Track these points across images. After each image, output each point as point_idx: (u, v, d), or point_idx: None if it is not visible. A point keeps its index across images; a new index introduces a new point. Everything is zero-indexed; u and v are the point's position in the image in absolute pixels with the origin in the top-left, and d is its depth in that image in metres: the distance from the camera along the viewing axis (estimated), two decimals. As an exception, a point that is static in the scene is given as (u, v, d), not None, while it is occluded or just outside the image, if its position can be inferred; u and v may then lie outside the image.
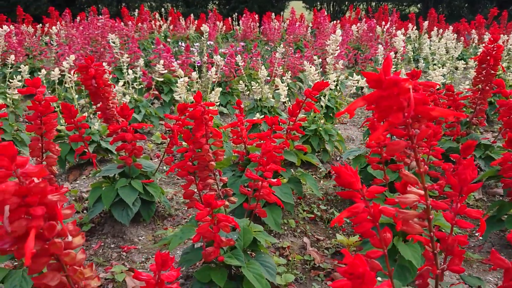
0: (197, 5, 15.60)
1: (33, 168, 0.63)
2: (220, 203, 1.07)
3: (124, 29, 5.08)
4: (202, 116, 1.26)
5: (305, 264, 1.59)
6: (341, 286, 0.59)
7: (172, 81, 3.49)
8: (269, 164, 1.27)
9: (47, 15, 8.32)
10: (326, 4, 15.64)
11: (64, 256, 0.66)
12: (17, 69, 4.12)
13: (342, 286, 0.59)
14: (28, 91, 1.14)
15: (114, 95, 1.67)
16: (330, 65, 2.97)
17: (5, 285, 1.18)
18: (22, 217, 0.64)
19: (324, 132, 2.36)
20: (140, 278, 0.79)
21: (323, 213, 1.96)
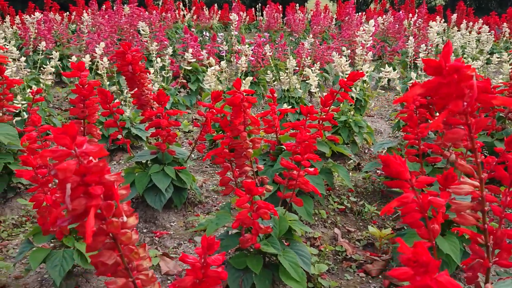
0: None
1: (92, 148, 0.64)
2: (261, 190, 1.07)
3: (151, 17, 5.10)
4: (241, 104, 1.26)
5: (337, 255, 1.58)
6: (402, 274, 0.58)
7: (199, 70, 3.49)
8: (307, 153, 1.26)
9: (74, 4, 8.41)
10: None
11: (121, 235, 0.67)
12: (46, 56, 4.19)
13: (403, 274, 0.58)
14: (73, 75, 1.15)
15: (149, 81, 1.68)
16: (360, 56, 2.93)
17: (47, 264, 1.21)
18: (81, 196, 0.65)
19: (354, 123, 2.33)
20: (187, 261, 0.80)
21: (353, 205, 1.94)
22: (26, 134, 1.29)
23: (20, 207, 1.87)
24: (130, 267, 0.71)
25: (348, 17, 4.40)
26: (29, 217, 1.80)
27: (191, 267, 0.79)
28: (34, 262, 1.20)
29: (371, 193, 2.06)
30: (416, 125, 1.46)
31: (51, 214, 1.16)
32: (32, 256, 1.22)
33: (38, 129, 1.31)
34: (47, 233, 1.21)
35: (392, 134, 2.86)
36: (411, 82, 2.60)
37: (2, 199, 1.88)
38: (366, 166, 2.03)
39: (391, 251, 1.55)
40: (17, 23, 6.15)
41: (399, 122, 2.51)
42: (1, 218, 1.78)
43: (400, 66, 4.47)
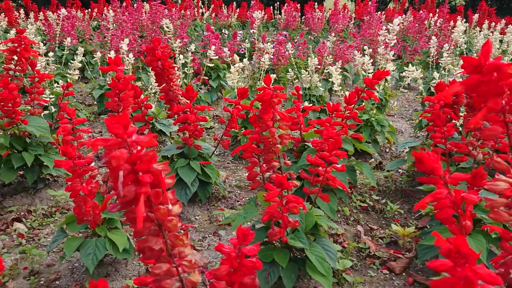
0: (237, -7, 15.62)
1: (143, 138, 0.67)
2: (291, 184, 1.09)
3: (172, 15, 5.15)
4: (271, 100, 1.28)
5: (360, 252, 1.59)
6: (442, 265, 0.60)
7: (220, 68, 3.53)
8: (335, 150, 1.28)
9: (95, 1, 8.54)
10: (368, -6, 15.26)
11: (167, 222, 0.69)
12: (70, 52, 4.27)
13: (442, 265, 0.60)
14: (110, 69, 1.19)
15: (177, 77, 1.72)
16: (382, 55, 2.93)
17: (80, 253, 1.25)
18: (131, 183, 0.68)
19: (377, 122, 2.33)
20: (223, 250, 0.82)
21: (375, 203, 1.95)
22: (61, 126, 1.33)
23: (49, 198, 1.92)
24: (173, 253, 0.74)
25: (369, 16, 4.38)
26: (58, 208, 1.85)
27: (226, 256, 0.82)
28: (68, 250, 1.24)
29: (393, 192, 2.06)
30: (443, 124, 1.46)
31: (87, 203, 1.20)
32: (66, 244, 1.26)
33: (72, 121, 1.36)
34: (81, 222, 1.25)
35: (414, 133, 2.85)
36: (434, 82, 2.59)
37: (32, 190, 1.93)
38: (388, 165, 2.03)
39: (415, 249, 1.56)
40: (41, 19, 6.27)
41: (421, 121, 2.50)
42: (32, 208, 1.83)
43: (420, 66, 4.44)
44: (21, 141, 1.83)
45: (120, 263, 1.48)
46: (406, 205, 1.94)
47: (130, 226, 0.68)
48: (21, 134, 1.84)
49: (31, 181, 1.85)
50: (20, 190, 1.94)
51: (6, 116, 1.74)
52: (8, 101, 1.69)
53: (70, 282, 1.39)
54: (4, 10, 6.81)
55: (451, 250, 0.57)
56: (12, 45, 1.88)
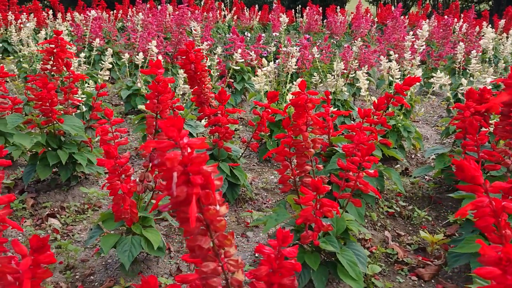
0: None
1: (195, 140, 0.69)
2: (327, 188, 1.11)
3: (198, 17, 5.21)
4: (306, 104, 1.30)
5: (388, 258, 1.59)
6: (489, 273, 0.61)
7: (245, 70, 3.56)
8: (368, 155, 1.29)
9: (119, 2, 8.69)
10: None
11: (216, 222, 0.72)
12: (98, 53, 4.36)
13: (489, 272, 0.61)
14: (151, 72, 1.22)
15: (209, 80, 1.75)
16: (408, 61, 2.92)
17: (117, 249, 1.29)
18: (182, 184, 0.70)
19: (403, 128, 2.33)
20: (263, 251, 0.84)
21: (402, 209, 1.95)
22: (100, 126, 1.37)
23: (81, 195, 1.97)
24: (219, 253, 0.76)
25: (395, 20, 4.35)
26: (90, 205, 1.90)
27: (265, 258, 0.84)
28: (105, 246, 1.28)
29: (420, 198, 2.05)
30: (476, 131, 1.46)
31: (125, 202, 1.23)
32: (103, 241, 1.30)
33: (110, 122, 1.40)
34: (119, 219, 1.29)
35: (440, 140, 2.82)
36: (462, 88, 2.56)
37: (65, 187, 1.99)
38: (416, 171, 2.03)
39: (444, 256, 1.55)
40: (68, 20, 6.41)
41: (448, 128, 2.48)
42: (65, 205, 1.89)
43: (445, 72, 4.39)
44: (56, 140, 1.89)
45: (151, 261, 1.52)
46: (434, 212, 1.93)
47: (179, 225, 0.71)
48: (56, 132, 1.90)
49: (64, 178, 1.90)
50: (54, 187, 2.00)
51: (43, 115, 1.80)
52: (46, 100, 1.74)
53: (104, 278, 1.43)
54: (32, 10, 6.99)
55: (501, 258, 0.58)
56: (49, 46, 1.95)
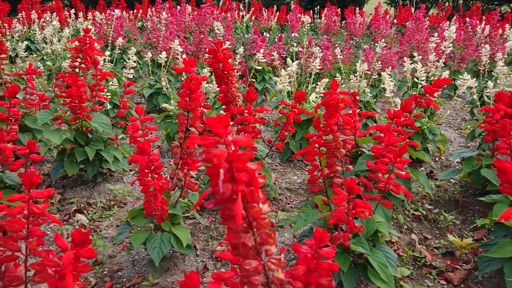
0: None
1: (242, 138, 0.69)
2: (360, 189, 1.10)
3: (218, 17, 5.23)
4: (338, 104, 1.29)
5: (415, 261, 1.57)
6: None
7: (265, 70, 3.56)
8: (400, 156, 1.27)
9: (139, 1, 8.78)
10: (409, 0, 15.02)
11: (260, 220, 0.72)
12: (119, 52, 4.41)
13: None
14: (184, 70, 1.23)
15: (236, 79, 1.75)
16: (431, 62, 2.88)
17: (147, 246, 1.30)
18: (227, 181, 0.70)
19: (429, 130, 2.29)
20: (300, 250, 0.84)
21: (428, 212, 1.92)
22: (131, 123, 1.38)
23: (107, 192, 1.99)
24: (260, 251, 0.76)
25: (418, 22, 4.30)
26: (116, 201, 1.92)
27: (302, 257, 0.84)
28: (135, 242, 1.29)
29: (446, 201, 2.02)
30: (509, 134, 1.43)
31: (157, 199, 1.24)
32: (133, 237, 1.31)
33: (141, 119, 1.41)
34: (149, 216, 1.30)
35: (465, 143, 2.78)
36: (488, 91, 2.52)
37: (91, 183, 2.01)
38: (442, 174, 2.00)
39: (474, 261, 1.53)
40: (89, 19, 6.50)
41: (474, 131, 2.44)
42: (91, 201, 1.91)
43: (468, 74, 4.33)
44: (84, 136, 1.91)
45: (178, 258, 1.52)
46: (460, 216, 1.90)
47: (222, 222, 0.71)
48: (84, 129, 1.92)
49: (91, 175, 1.92)
50: (80, 183, 2.02)
51: (72, 112, 1.82)
52: (76, 97, 1.76)
53: (132, 274, 1.44)
54: (54, 9, 7.10)
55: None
56: (78, 44, 1.97)
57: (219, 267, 1.50)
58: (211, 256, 1.56)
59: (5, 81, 2.21)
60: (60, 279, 0.84)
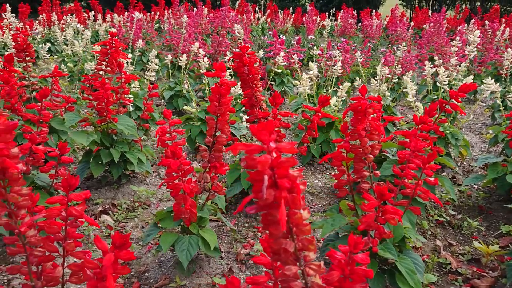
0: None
1: (285, 145, 0.70)
2: (391, 195, 1.10)
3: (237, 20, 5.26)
4: (366, 110, 1.29)
5: (441, 267, 1.56)
6: None
7: (284, 73, 3.57)
8: (430, 162, 1.27)
9: (156, 4, 8.85)
10: (425, 1, 14.89)
11: (302, 226, 0.72)
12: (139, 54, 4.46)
13: None
14: (215, 75, 1.24)
15: (261, 83, 1.76)
16: (453, 66, 2.86)
17: (176, 248, 1.31)
18: (270, 187, 0.71)
19: (451, 135, 2.28)
20: (335, 256, 0.85)
21: (451, 218, 1.91)
22: (160, 127, 1.40)
23: (130, 193, 2.02)
24: (300, 257, 0.77)
25: (438, 25, 4.27)
26: (140, 203, 1.94)
27: (336, 263, 0.84)
28: (164, 244, 1.30)
29: (469, 207, 2.01)
30: (539, 141, 1.41)
31: (186, 202, 1.26)
32: (162, 239, 1.32)
33: (169, 122, 1.42)
34: (178, 218, 1.31)
35: (487, 148, 2.75)
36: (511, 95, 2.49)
37: (116, 185, 2.04)
38: (466, 180, 1.98)
39: (501, 268, 1.51)
40: (108, 21, 6.58)
41: (497, 136, 2.41)
42: (115, 202, 1.93)
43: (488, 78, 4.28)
44: (109, 138, 1.94)
45: (203, 260, 1.54)
46: (485, 222, 1.89)
47: (263, 228, 0.72)
48: (109, 131, 1.95)
49: (116, 176, 1.95)
50: (104, 184, 2.05)
51: (98, 114, 1.85)
52: (103, 100, 1.79)
53: (158, 275, 1.46)
54: (73, 11, 7.20)
55: None
56: (104, 47, 2.00)
57: (244, 270, 1.51)
58: (235, 258, 1.57)
59: (31, 83, 2.25)
60: (99, 281, 0.86)
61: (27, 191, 0.93)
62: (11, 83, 1.88)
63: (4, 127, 0.86)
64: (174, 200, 2.00)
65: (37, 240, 0.95)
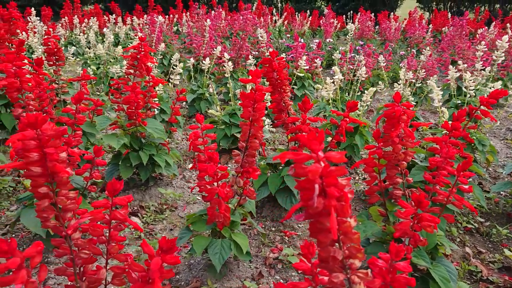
0: (306, 1, 15.71)
1: (335, 154, 0.71)
2: (428, 203, 1.10)
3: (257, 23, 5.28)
4: (400, 117, 1.29)
5: (471, 275, 1.55)
6: None
7: (305, 77, 3.57)
8: (465, 169, 1.26)
9: (173, 6, 8.93)
10: (443, 4, 14.72)
11: (352, 235, 0.73)
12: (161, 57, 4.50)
13: None
14: (251, 81, 1.26)
15: (290, 88, 1.77)
16: (478, 71, 2.83)
17: (209, 251, 1.33)
18: (319, 196, 0.72)
19: (478, 141, 2.26)
20: (376, 264, 0.85)
21: (480, 225, 1.89)
22: (192, 131, 1.42)
23: (158, 195, 2.05)
24: (346, 265, 0.78)
25: (460, 29, 4.23)
26: (168, 205, 1.97)
27: (377, 271, 0.85)
28: (198, 247, 1.32)
29: (498, 214, 1.99)
30: None
31: (221, 206, 1.27)
32: (195, 242, 1.34)
33: (201, 127, 1.44)
34: (211, 222, 1.33)
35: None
36: (539, 101, 2.46)
37: (143, 187, 2.07)
38: (494, 187, 1.96)
39: (534, 277, 1.50)
40: (128, 23, 6.66)
41: (524, 143, 2.39)
42: (143, 204, 1.96)
43: (510, 82, 4.23)
44: (138, 141, 1.97)
45: (232, 264, 1.55)
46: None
47: (311, 235, 0.73)
48: (137, 134, 1.98)
49: (144, 178, 1.98)
50: (132, 186, 2.08)
51: (128, 118, 1.88)
52: (133, 104, 1.82)
53: (189, 278, 1.48)
54: (94, 14, 7.31)
55: None
56: (134, 51, 2.04)
57: (273, 274, 1.52)
58: (264, 262, 1.59)
59: (61, 86, 2.30)
60: (144, 284, 0.87)
61: (74, 195, 0.96)
62: (43, 86, 1.93)
63: (54, 132, 0.89)
64: (200, 203, 2.03)
65: (83, 243, 0.97)
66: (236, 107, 2.56)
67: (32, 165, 0.88)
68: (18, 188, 2.08)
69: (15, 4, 2.69)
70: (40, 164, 0.89)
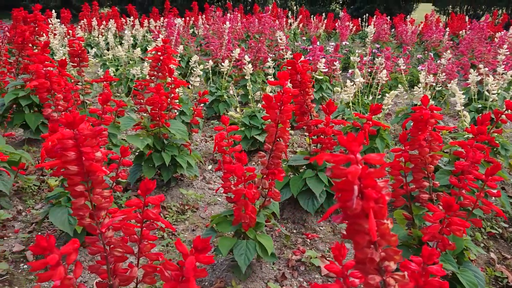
0: (321, 4, 15.71)
1: (374, 156, 0.71)
2: (458, 207, 1.09)
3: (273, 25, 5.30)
4: (428, 120, 1.29)
5: (496, 281, 1.54)
6: None
7: (323, 80, 3.57)
8: (493, 174, 1.25)
9: (189, 9, 9.00)
10: (459, 7, 14.59)
11: (389, 237, 0.73)
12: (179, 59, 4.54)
13: None
14: (279, 83, 1.27)
15: (312, 90, 1.77)
16: (499, 75, 2.80)
17: (234, 252, 1.34)
18: (357, 197, 0.72)
19: (501, 146, 2.23)
20: (410, 267, 0.85)
21: (504, 230, 1.87)
22: (219, 132, 1.43)
23: (179, 196, 2.06)
24: (381, 267, 0.78)
25: (481, 32, 4.19)
26: (189, 206, 1.98)
27: (410, 274, 0.85)
28: (223, 248, 1.33)
29: (522, 220, 1.96)
30: None
31: (247, 207, 1.28)
32: (221, 243, 1.35)
33: (226, 128, 1.45)
34: (237, 223, 1.34)
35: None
36: None
37: (165, 187, 2.09)
38: (519, 192, 1.94)
39: (562, 284, 1.47)
40: (145, 25, 6.73)
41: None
42: (165, 204, 1.98)
43: (531, 87, 4.17)
44: (160, 142, 1.99)
45: (255, 265, 1.56)
46: (539, 236, 1.84)
47: (347, 237, 0.73)
48: (160, 135, 2.00)
49: (166, 179, 2.00)
50: (153, 187, 2.10)
51: (152, 119, 1.90)
52: (157, 105, 1.84)
53: (212, 278, 1.48)
54: (112, 16, 7.40)
55: None
56: (157, 53, 2.06)
57: (296, 276, 1.52)
58: (286, 264, 1.59)
59: (84, 87, 2.34)
60: (177, 282, 0.89)
61: (108, 193, 0.97)
62: (68, 87, 1.96)
63: (91, 132, 0.91)
64: (221, 205, 2.04)
65: (116, 241, 0.99)
66: (256, 109, 2.57)
67: (69, 164, 0.90)
68: (43, 187, 2.12)
69: (40, 7, 2.73)
70: (77, 163, 0.91)
